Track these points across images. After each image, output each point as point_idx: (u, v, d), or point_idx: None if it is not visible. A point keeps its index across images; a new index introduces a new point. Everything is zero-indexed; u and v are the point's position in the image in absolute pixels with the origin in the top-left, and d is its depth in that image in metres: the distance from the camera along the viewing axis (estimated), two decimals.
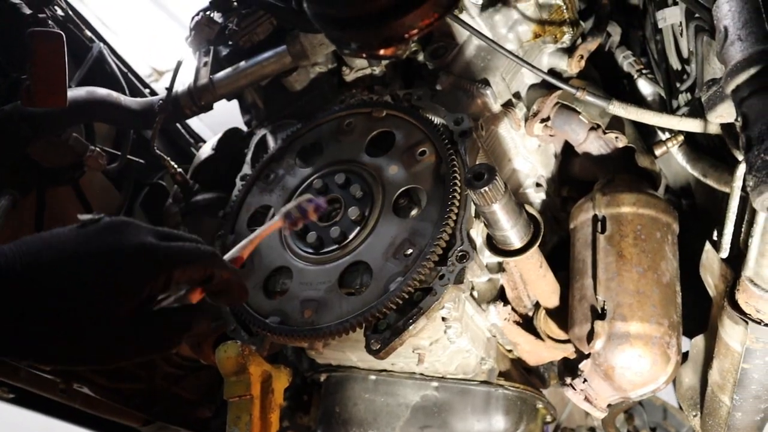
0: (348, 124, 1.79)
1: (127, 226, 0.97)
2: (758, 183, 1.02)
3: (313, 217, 1.37)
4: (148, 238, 0.97)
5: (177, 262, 0.97)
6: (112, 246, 0.93)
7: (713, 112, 1.28)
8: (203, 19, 2.22)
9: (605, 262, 1.63)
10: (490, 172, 1.31)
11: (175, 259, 0.97)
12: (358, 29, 0.86)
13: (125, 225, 0.98)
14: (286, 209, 1.35)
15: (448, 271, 1.44)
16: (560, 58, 1.90)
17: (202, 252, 1.01)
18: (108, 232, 0.95)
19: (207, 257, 1.02)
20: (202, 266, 1.01)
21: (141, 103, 2.29)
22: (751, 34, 1.12)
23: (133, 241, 0.95)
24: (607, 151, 1.84)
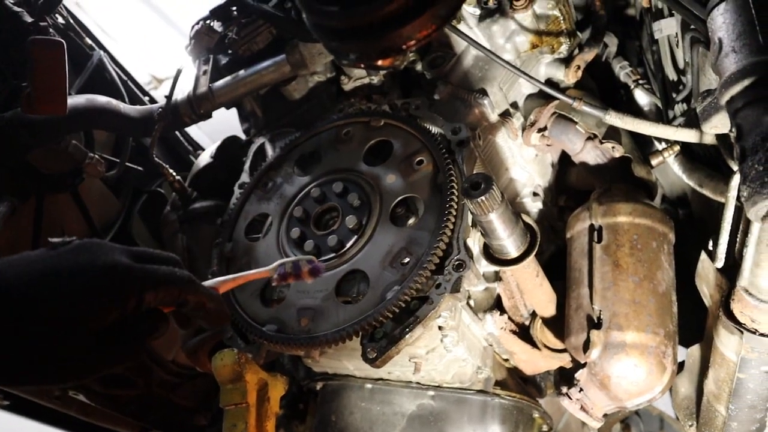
0: (346, 133, 1.80)
1: (99, 247, 0.95)
2: (752, 193, 1.03)
3: (306, 279, 1.32)
4: (121, 259, 0.94)
5: (149, 284, 0.94)
6: (82, 265, 0.91)
7: (708, 122, 1.30)
8: (203, 27, 2.23)
9: (601, 271, 1.64)
10: (487, 181, 1.32)
11: (147, 282, 0.94)
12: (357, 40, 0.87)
13: (97, 246, 0.95)
14: (282, 263, 1.29)
15: (444, 280, 1.44)
16: (557, 69, 1.91)
17: (177, 277, 0.99)
18: (79, 252, 0.93)
19: (181, 282, 0.99)
20: (176, 290, 0.98)
21: (140, 110, 2.29)
22: (745, 46, 1.13)
23: (104, 261, 0.92)
24: (604, 161, 1.84)
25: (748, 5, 1.15)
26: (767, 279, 1.26)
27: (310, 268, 1.30)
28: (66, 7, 2.65)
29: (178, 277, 0.98)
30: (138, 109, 2.30)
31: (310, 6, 0.89)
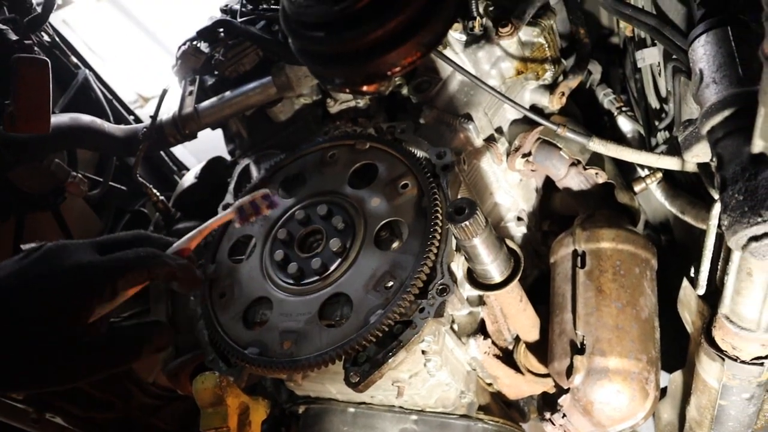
0: (331, 156, 1.80)
1: (64, 249, 1.00)
2: (732, 222, 1.04)
3: (265, 213, 1.39)
4: (86, 257, 0.99)
5: (117, 272, 1.00)
6: (47, 271, 0.96)
7: (689, 151, 1.31)
8: (190, 48, 2.23)
9: (584, 297, 1.64)
10: (471, 206, 1.32)
11: (114, 271, 1.00)
12: (342, 65, 0.87)
13: (62, 248, 1.00)
14: (239, 203, 1.36)
15: (428, 304, 1.44)
16: (542, 95, 1.93)
17: (142, 257, 1.04)
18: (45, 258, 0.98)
19: (147, 261, 1.04)
20: (144, 271, 1.03)
21: (125, 130, 2.29)
22: (725, 78, 1.15)
23: (68, 263, 0.98)
24: (588, 187, 1.86)
25: (728, 38, 1.18)
26: (748, 307, 1.27)
27: (267, 203, 1.39)
28: (52, 26, 2.65)
29: (142, 257, 1.04)
30: (122, 129, 2.29)
31: (296, 31, 0.89)
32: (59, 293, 0.95)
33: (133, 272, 1.02)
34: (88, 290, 0.97)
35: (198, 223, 2.27)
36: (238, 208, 1.35)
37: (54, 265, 0.97)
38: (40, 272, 0.96)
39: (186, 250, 1.16)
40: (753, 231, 1.03)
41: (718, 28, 1.20)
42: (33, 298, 0.93)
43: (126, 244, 1.08)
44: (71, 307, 0.95)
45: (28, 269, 0.96)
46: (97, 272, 0.99)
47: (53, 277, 0.96)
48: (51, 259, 0.98)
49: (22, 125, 1.85)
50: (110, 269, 1.00)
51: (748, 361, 1.37)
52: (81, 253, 1.01)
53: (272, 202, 1.38)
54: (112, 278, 0.99)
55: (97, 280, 0.98)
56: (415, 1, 0.87)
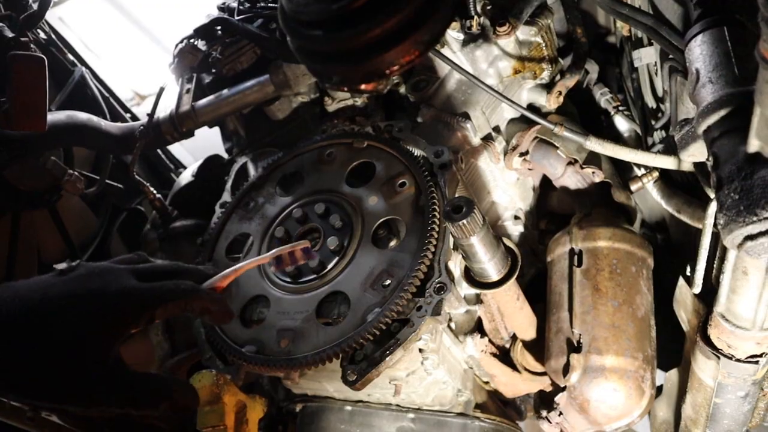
0: (329, 154, 1.80)
1: (109, 272, 1.04)
2: (728, 221, 1.05)
3: (301, 263, 1.43)
4: (130, 282, 1.02)
5: (157, 301, 1.02)
6: (96, 290, 0.99)
7: (686, 151, 1.32)
8: (187, 46, 2.23)
9: (581, 295, 1.65)
10: (469, 205, 1.33)
11: (156, 301, 1.02)
12: (340, 64, 0.87)
13: (106, 270, 1.04)
14: (279, 251, 1.37)
15: (425, 302, 1.44)
16: (539, 94, 1.94)
17: (181, 290, 1.07)
18: (90, 277, 1.01)
19: (185, 294, 1.07)
20: (181, 303, 1.06)
21: (121, 128, 2.28)
22: (721, 77, 1.15)
23: (116, 286, 1.01)
24: (584, 186, 1.86)
25: (724, 38, 1.18)
26: (743, 305, 1.28)
27: (307, 256, 1.41)
28: (48, 23, 2.64)
29: (182, 290, 1.07)
30: (119, 127, 2.29)
31: (294, 29, 0.89)
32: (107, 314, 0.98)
33: (171, 304, 1.05)
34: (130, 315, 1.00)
35: (196, 222, 2.29)
36: (277, 257, 1.38)
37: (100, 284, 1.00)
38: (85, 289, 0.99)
39: (219, 287, 1.18)
40: (749, 230, 1.03)
41: (714, 28, 1.21)
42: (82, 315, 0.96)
43: (162, 274, 1.10)
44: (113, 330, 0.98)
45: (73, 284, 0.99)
46: (140, 300, 1.02)
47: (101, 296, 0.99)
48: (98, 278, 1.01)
49: (18, 123, 1.85)
50: (151, 298, 1.03)
51: (744, 360, 1.38)
52: (124, 278, 1.04)
53: (311, 255, 1.43)
54: (152, 307, 1.02)
55: (139, 307, 1.01)
56: (413, 0, 0.86)
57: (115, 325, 0.98)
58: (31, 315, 0.93)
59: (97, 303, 0.98)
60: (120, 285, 1.02)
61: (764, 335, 1.31)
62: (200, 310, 1.10)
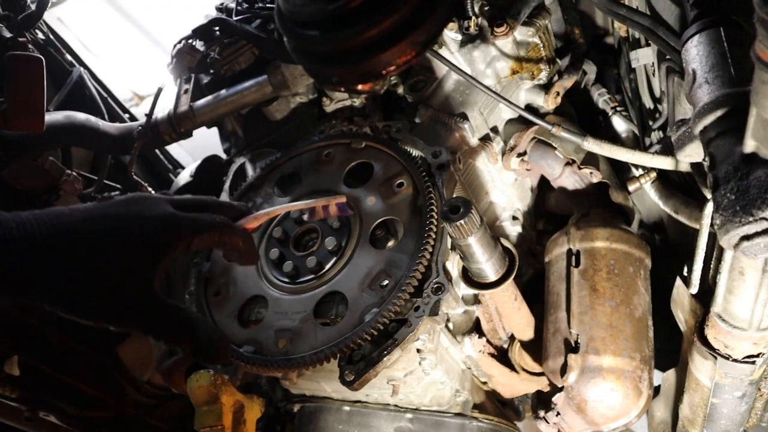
0: (327, 155, 1.80)
1: (148, 198, 1.08)
2: (725, 222, 1.05)
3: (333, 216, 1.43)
4: (169, 209, 1.07)
5: (196, 230, 1.07)
6: (140, 212, 1.03)
7: (682, 151, 1.32)
8: (185, 47, 2.23)
9: (579, 295, 1.65)
10: (466, 205, 1.33)
11: (194, 228, 1.07)
12: (337, 65, 0.88)
13: (146, 197, 1.09)
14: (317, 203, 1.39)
15: (423, 302, 1.44)
16: (537, 95, 1.94)
17: (217, 222, 1.12)
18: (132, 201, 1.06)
19: (220, 227, 1.12)
20: (216, 234, 1.11)
21: (120, 128, 2.28)
22: (717, 78, 1.15)
23: (158, 210, 1.05)
24: (582, 186, 1.87)
25: (720, 38, 1.18)
26: (740, 305, 1.28)
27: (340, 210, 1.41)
28: (46, 23, 2.64)
29: (217, 222, 1.12)
30: (117, 127, 2.29)
31: (291, 30, 0.89)
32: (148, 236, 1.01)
33: (208, 234, 1.09)
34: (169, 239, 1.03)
35: None
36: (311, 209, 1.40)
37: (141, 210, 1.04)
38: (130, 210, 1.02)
39: (249, 227, 1.21)
40: (745, 230, 1.03)
41: (710, 28, 1.21)
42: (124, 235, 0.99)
43: (199, 206, 1.15)
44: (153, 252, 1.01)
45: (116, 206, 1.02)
46: (178, 226, 1.05)
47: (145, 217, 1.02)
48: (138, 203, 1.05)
49: (16, 123, 1.85)
50: (191, 225, 1.07)
51: (740, 360, 1.38)
52: (163, 205, 1.08)
53: (346, 211, 1.43)
54: (189, 235, 1.06)
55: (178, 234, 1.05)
56: (410, 0, 0.87)
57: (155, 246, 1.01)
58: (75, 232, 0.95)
59: (138, 225, 1.01)
60: (161, 210, 1.05)
61: (761, 335, 1.32)
62: (231, 246, 1.15)
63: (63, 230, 0.94)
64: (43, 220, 0.93)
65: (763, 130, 0.98)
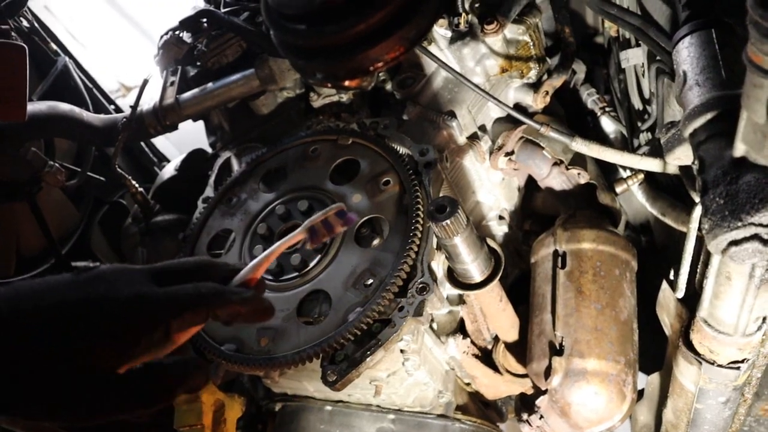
0: (313, 151, 1.78)
1: (122, 274, 0.89)
2: (713, 226, 1.04)
3: (340, 231, 1.19)
4: (144, 287, 0.88)
5: (173, 311, 0.87)
6: (105, 295, 0.85)
7: (671, 154, 1.31)
8: (172, 38, 2.19)
9: (564, 297, 1.64)
10: (453, 205, 1.31)
11: (171, 309, 0.87)
12: (324, 60, 0.85)
13: (120, 272, 0.90)
14: (311, 222, 1.16)
15: (407, 303, 1.43)
16: (526, 93, 1.92)
17: (202, 295, 0.91)
18: (102, 279, 0.87)
19: (207, 300, 0.91)
20: (203, 311, 0.90)
21: (104, 120, 2.25)
22: (708, 80, 1.14)
23: (127, 291, 0.86)
24: (569, 187, 1.86)
25: (712, 40, 1.17)
26: (726, 311, 1.27)
27: (343, 221, 1.17)
28: (31, 11, 2.60)
29: (203, 295, 0.91)
30: (102, 118, 2.25)
31: (278, 23, 0.87)
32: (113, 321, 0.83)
33: (191, 312, 0.88)
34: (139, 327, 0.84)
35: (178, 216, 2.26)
36: (310, 228, 1.15)
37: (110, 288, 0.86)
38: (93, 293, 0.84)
39: (252, 279, 1.01)
40: (733, 235, 1.02)
41: (702, 30, 1.20)
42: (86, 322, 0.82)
43: (186, 274, 0.95)
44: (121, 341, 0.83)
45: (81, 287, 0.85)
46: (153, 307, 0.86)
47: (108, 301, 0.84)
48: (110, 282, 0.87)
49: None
50: (167, 306, 0.87)
51: (725, 365, 1.37)
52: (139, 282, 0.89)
53: (348, 219, 1.17)
54: (165, 317, 0.86)
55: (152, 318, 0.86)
56: None
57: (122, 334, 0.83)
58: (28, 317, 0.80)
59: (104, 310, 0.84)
60: (132, 290, 0.86)
61: (746, 341, 1.31)
62: (228, 317, 0.94)
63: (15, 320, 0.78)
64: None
65: (754, 134, 0.97)
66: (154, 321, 0.85)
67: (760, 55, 0.84)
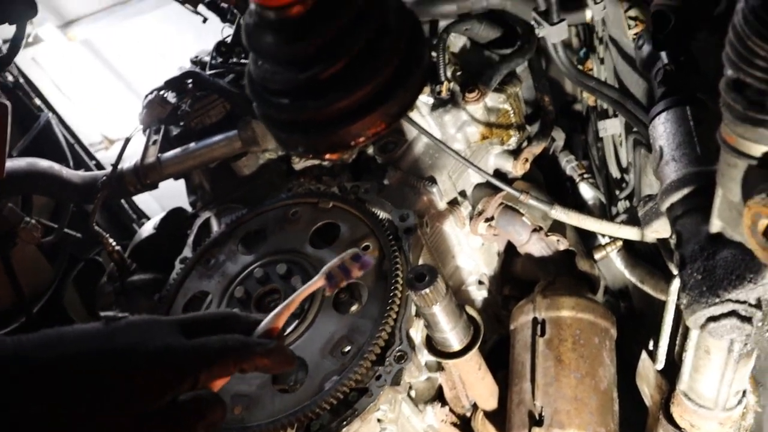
0: (294, 213, 1.77)
1: (151, 325, 0.91)
2: (691, 302, 1.04)
3: (357, 275, 1.18)
4: (172, 339, 0.90)
5: (201, 365, 0.88)
6: (134, 346, 0.86)
7: (649, 227, 1.32)
8: (156, 98, 2.21)
9: (544, 366, 1.62)
10: (432, 273, 1.31)
11: (199, 363, 0.88)
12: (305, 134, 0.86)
13: (149, 323, 0.91)
14: (328, 268, 1.16)
15: (385, 371, 1.40)
16: (506, 160, 1.95)
17: (230, 347, 0.92)
18: (131, 330, 0.89)
19: (234, 353, 0.92)
20: (230, 363, 0.91)
21: (84, 177, 2.24)
22: (684, 156, 1.16)
23: (156, 343, 0.88)
24: (549, 253, 1.86)
25: (686, 117, 1.20)
26: (706, 384, 1.26)
27: (359, 265, 1.16)
28: (18, 66, 2.62)
29: (230, 347, 0.92)
30: (81, 176, 2.24)
31: (261, 96, 0.87)
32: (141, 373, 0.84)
33: (219, 365, 0.90)
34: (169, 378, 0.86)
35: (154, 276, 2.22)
36: (327, 274, 1.15)
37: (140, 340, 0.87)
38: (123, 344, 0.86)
39: (274, 329, 1.03)
40: (711, 311, 1.03)
41: (677, 107, 1.23)
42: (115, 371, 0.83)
43: (211, 325, 0.97)
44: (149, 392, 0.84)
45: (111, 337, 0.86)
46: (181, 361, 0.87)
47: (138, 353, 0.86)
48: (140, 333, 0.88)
49: None
50: (195, 359, 0.88)
51: None
52: (167, 334, 0.90)
53: (364, 262, 1.17)
54: (195, 370, 0.87)
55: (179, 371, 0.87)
56: (383, 72, 0.85)
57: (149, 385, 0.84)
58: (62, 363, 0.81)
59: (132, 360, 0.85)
60: (162, 342, 0.88)
61: (727, 415, 1.30)
62: (254, 369, 0.95)
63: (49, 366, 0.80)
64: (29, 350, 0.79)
65: (729, 211, 0.98)
66: (182, 373, 0.86)
67: (733, 136, 0.86)
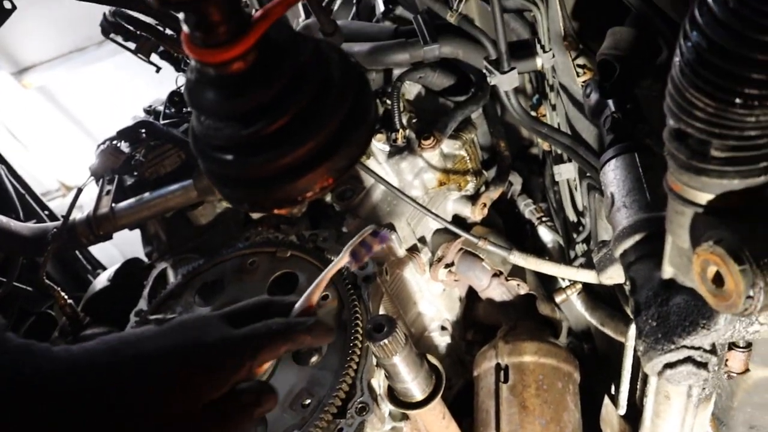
0: (251, 263, 1.75)
1: (203, 322, 0.95)
2: (647, 349, 1.04)
3: (377, 248, 1.24)
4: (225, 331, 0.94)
5: (255, 350, 0.93)
6: (194, 341, 0.90)
7: (604, 273, 1.33)
8: (109, 148, 2.17)
9: (508, 413, 1.61)
10: (390, 324, 1.29)
11: (253, 350, 0.93)
12: (250, 189, 0.84)
13: (201, 319, 0.96)
14: (351, 247, 1.21)
15: (346, 424, 1.37)
16: (464, 205, 1.96)
17: (275, 330, 0.96)
18: (187, 327, 0.93)
19: (281, 334, 0.97)
20: (280, 344, 0.96)
21: (33, 229, 2.17)
22: (635, 202, 1.17)
23: (214, 336, 0.92)
24: (510, 298, 1.86)
25: (635, 164, 1.22)
26: (667, 429, 1.26)
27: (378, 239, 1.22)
28: None
29: (275, 331, 0.96)
30: (30, 228, 2.18)
31: (204, 152, 0.86)
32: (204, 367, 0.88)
33: (268, 349, 0.95)
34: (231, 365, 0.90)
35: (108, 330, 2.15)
36: (351, 251, 1.20)
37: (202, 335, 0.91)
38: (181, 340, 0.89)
39: (310, 307, 1.07)
40: (667, 358, 1.03)
41: (626, 153, 1.24)
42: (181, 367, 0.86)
43: (252, 313, 1.01)
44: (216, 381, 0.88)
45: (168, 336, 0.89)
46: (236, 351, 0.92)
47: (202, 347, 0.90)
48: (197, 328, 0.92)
49: None
50: (249, 347, 0.93)
51: None
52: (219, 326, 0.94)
53: (382, 237, 1.24)
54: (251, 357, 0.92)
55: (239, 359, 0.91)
56: (328, 126, 0.85)
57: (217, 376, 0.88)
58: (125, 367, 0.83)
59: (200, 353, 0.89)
60: (218, 334, 0.92)
61: None
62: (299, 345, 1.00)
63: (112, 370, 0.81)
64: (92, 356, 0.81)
65: (680, 257, 0.99)
66: (241, 360, 0.91)
67: (678, 184, 0.87)
